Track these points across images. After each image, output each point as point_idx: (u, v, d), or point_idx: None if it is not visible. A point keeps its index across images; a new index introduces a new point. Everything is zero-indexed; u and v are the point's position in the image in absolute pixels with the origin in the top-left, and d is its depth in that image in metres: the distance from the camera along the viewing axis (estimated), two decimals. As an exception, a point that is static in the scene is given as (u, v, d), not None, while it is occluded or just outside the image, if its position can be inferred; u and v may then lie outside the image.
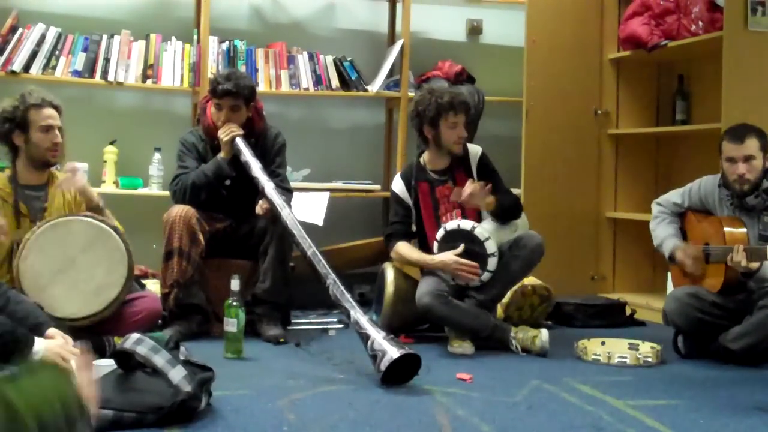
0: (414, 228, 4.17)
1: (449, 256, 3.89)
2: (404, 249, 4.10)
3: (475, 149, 4.18)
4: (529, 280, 4.41)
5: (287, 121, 5.25)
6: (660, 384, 3.41)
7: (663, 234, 4.00)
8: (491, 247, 3.85)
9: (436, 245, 3.94)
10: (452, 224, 3.92)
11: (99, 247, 3.51)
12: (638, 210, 5.35)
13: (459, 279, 3.92)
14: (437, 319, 4.00)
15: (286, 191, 4.19)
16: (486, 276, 3.90)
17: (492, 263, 3.87)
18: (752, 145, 3.72)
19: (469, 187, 3.88)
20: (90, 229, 3.53)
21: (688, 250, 3.89)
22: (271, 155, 4.27)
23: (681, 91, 5.33)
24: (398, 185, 4.18)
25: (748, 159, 3.72)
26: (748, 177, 3.72)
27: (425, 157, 4.18)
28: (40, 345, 2.84)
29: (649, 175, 5.57)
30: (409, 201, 4.15)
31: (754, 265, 3.58)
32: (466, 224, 3.90)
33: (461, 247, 3.89)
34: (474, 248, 3.86)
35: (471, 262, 3.87)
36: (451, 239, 3.90)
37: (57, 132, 3.59)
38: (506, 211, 4.03)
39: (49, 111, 3.60)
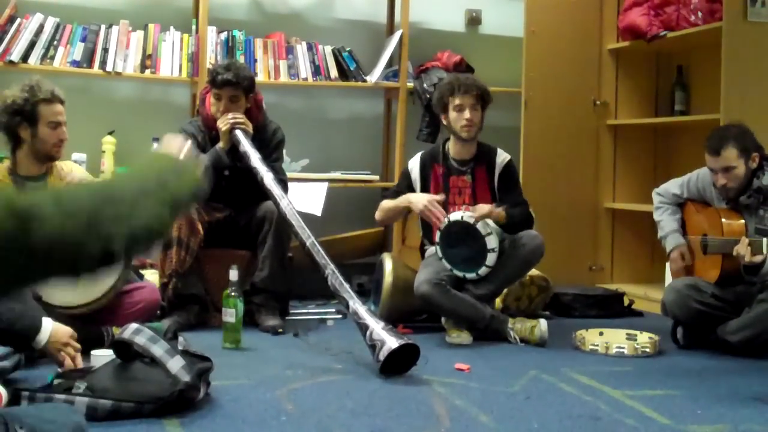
0: None
1: (424, 196, 4.00)
2: (385, 203, 4.20)
3: (503, 154, 4.18)
4: (528, 271, 4.41)
5: (286, 112, 5.25)
6: (658, 374, 3.42)
7: (667, 228, 4.00)
8: (492, 242, 3.85)
9: (438, 234, 3.94)
10: (456, 215, 3.91)
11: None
12: (637, 201, 5.35)
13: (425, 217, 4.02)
14: (434, 308, 4.00)
15: (282, 183, 4.20)
16: (484, 271, 3.90)
17: (491, 259, 3.87)
18: (730, 155, 3.68)
19: (478, 212, 3.87)
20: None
21: (684, 252, 3.92)
22: (269, 149, 4.26)
23: (680, 81, 5.32)
24: (414, 161, 4.23)
25: (727, 170, 3.69)
26: (730, 186, 3.71)
27: (449, 145, 4.19)
28: (46, 330, 2.84)
29: (647, 165, 5.57)
30: (417, 179, 4.17)
31: (759, 258, 3.53)
32: (470, 217, 3.89)
33: (441, 196, 4.01)
34: (475, 242, 3.86)
35: (442, 210, 3.95)
36: (454, 230, 3.89)
37: (64, 128, 3.55)
38: (515, 226, 4.02)
39: (59, 107, 3.54)
